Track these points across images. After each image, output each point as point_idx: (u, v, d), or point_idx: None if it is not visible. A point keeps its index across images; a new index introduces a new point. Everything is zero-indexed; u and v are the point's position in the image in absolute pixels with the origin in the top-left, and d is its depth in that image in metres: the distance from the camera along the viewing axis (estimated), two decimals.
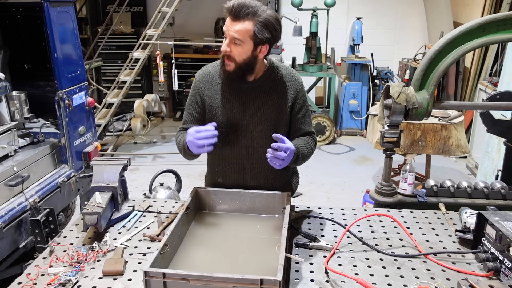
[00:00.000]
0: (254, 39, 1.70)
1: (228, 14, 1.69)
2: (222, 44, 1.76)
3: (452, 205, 2.09)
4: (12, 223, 2.60)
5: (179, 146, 1.92)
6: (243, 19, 1.67)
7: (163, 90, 7.78)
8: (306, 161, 1.90)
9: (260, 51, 1.75)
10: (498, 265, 1.44)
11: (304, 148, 1.86)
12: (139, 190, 4.52)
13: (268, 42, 1.74)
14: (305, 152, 1.86)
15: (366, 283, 1.39)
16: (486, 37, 2.03)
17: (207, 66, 1.96)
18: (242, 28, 1.68)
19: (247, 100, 1.86)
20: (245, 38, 1.69)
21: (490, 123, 2.58)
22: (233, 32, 1.68)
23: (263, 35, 1.69)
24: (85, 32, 7.78)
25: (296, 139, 1.93)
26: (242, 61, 1.74)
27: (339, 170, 5.49)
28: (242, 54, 1.72)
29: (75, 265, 1.51)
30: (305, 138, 1.94)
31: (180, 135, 1.95)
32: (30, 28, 3.51)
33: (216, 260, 1.58)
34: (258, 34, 1.69)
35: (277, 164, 1.71)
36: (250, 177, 1.96)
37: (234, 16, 1.68)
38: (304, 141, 1.90)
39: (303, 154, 1.84)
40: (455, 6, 6.33)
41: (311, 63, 6.39)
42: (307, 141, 1.92)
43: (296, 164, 1.88)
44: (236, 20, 1.68)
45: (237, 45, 1.71)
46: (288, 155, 1.69)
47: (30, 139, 3.12)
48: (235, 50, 1.72)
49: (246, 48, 1.72)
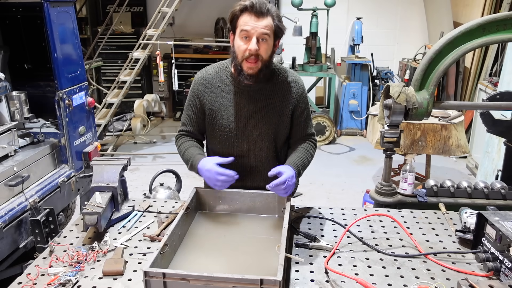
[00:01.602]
0: (275, 33, 1.74)
1: (250, 13, 1.69)
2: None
3: (452, 205, 2.09)
4: (12, 223, 2.60)
5: (181, 155, 1.94)
6: (266, 15, 1.70)
7: (163, 90, 7.78)
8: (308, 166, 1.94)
9: (275, 45, 1.78)
10: (498, 265, 1.44)
11: (304, 160, 1.89)
12: (139, 190, 4.52)
13: (282, 35, 1.78)
14: (305, 163, 1.89)
15: (366, 283, 1.39)
16: (486, 37, 2.03)
17: (206, 69, 1.95)
18: (268, 23, 1.70)
19: (247, 104, 1.85)
20: (271, 33, 1.73)
21: (490, 123, 2.58)
22: (261, 29, 1.69)
23: (282, 28, 1.75)
24: (85, 32, 7.78)
25: (294, 150, 1.93)
26: (267, 58, 1.76)
27: (339, 170, 5.49)
28: (268, 50, 1.75)
29: (75, 265, 1.51)
30: (304, 146, 1.94)
31: (181, 142, 1.96)
32: (30, 28, 3.50)
33: (216, 260, 1.58)
34: (279, 28, 1.73)
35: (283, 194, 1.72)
36: (251, 177, 1.95)
37: (259, 13, 1.69)
38: (303, 151, 1.91)
39: (303, 166, 1.88)
40: (455, 6, 6.33)
41: (311, 63, 6.39)
42: (306, 149, 1.93)
43: (300, 176, 1.90)
44: (261, 16, 1.69)
45: (264, 41, 1.72)
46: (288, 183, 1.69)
47: (30, 139, 3.12)
48: (262, 47, 1.73)
49: (270, 44, 1.75)
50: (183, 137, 1.99)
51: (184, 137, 1.98)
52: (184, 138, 1.98)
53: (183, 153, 1.92)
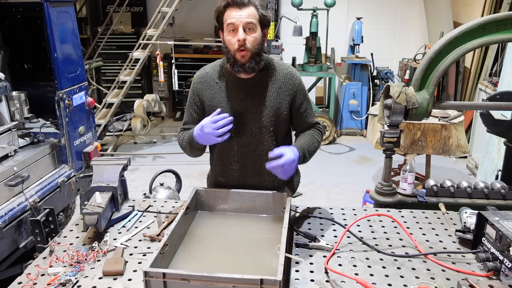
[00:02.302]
0: (261, 21, 1.77)
1: (232, 6, 1.73)
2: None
3: (452, 205, 2.09)
4: (12, 223, 2.60)
5: (183, 143, 1.94)
6: (247, 5, 1.74)
7: (163, 90, 7.78)
8: (315, 152, 1.94)
9: (265, 35, 1.81)
10: (498, 265, 1.44)
11: (310, 144, 1.89)
12: (139, 190, 4.52)
13: (269, 23, 1.81)
14: (311, 147, 1.89)
15: (366, 283, 1.39)
16: (486, 37, 2.03)
17: (204, 68, 1.99)
18: (251, 12, 1.74)
19: (245, 98, 1.87)
20: (256, 22, 1.76)
21: (490, 123, 2.58)
22: (245, 18, 1.72)
23: (267, 15, 1.79)
24: (85, 32, 7.78)
25: (300, 136, 1.96)
26: (256, 47, 1.78)
27: (339, 170, 5.49)
28: (256, 40, 1.77)
29: (75, 265, 1.51)
30: (310, 132, 1.97)
31: (182, 134, 1.97)
32: (30, 28, 3.50)
33: (216, 260, 1.58)
34: (264, 15, 1.77)
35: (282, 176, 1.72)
36: (252, 174, 1.96)
37: (240, 4, 1.73)
38: (309, 137, 1.93)
39: (309, 150, 1.87)
40: (455, 6, 6.33)
41: (311, 63, 6.39)
42: (312, 135, 1.95)
43: (306, 161, 1.90)
44: (243, 7, 1.73)
45: (251, 31, 1.75)
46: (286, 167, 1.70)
47: (30, 139, 3.12)
48: (249, 37, 1.75)
49: (257, 33, 1.78)
50: (184, 131, 2.00)
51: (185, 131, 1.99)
52: (185, 132, 1.98)
53: (185, 139, 1.92)
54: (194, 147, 1.88)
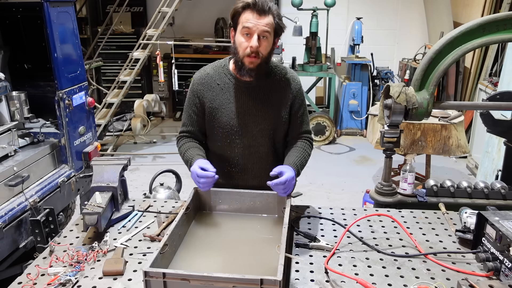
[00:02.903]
0: (275, 31, 1.77)
1: (252, 10, 1.71)
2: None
3: (452, 205, 2.09)
4: (12, 223, 2.60)
5: (182, 156, 1.95)
6: (267, 13, 1.72)
7: (163, 90, 7.78)
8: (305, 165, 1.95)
9: (274, 43, 1.81)
10: (498, 265, 1.44)
11: (302, 159, 1.90)
12: (139, 190, 4.52)
13: (282, 33, 1.80)
14: (303, 162, 1.91)
15: (366, 283, 1.39)
16: (486, 37, 2.03)
17: (204, 68, 1.97)
18: (269, 21, 1.73)
19: (247, 100, 1.87)
20: (271, 31, 1.75)
21: (490, 123, 2.58)
22: (263, 26, 1.71)
23: (282, 26, 1.78)
24: (85, 32, 7.77)
25: (291, 150, 1.93)
26: (266, 54, 1.78)
27: (339, 170, 5.49)
28: (268, 47, 1.77)
29: (75, 265, 1.51)
30: (301, 145, 1.95)
31: (182, 143, 1.97)
32: (30, 28, 3.50)
33: (216, 260, 1.58)
34: (280, 25, 1.76)
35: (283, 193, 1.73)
36: (251, 176, 1.96)
37: (260, 11, 1.71)
38: (300, 151, 1.92)
39: (302, 165, 1.89)
40: (455, 6, 6.33)
41: (311, 63, 6.39)
42: (303, 148, 1.94)
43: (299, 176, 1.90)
44: (263, 14, 1.71)
45: (265, 39, 1.74)
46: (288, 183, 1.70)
47: (30, 139, 3.12)
48: (263, 44, 1.75)
49: (270, 41, 1.77)
50: (184, 138, 1.99)
51: (185, 138, 1.99)
52: (185, 140, 1.98)
53: (184, 154, 1.93)
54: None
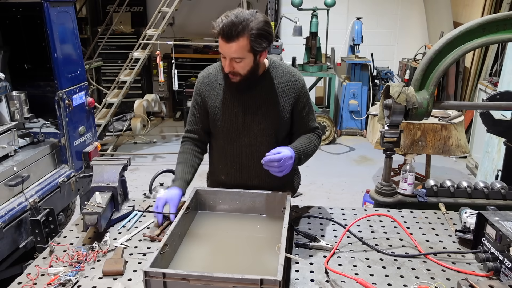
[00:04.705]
0: (252, 51, 1.70)
1: (221, 37, 1.67)
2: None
3: (452, 205, 2.09)
4: (12, 223, 2.60)
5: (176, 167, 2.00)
6: (236, 38, 1.64)
7: (163, 90, 7.77)
8: (311, 157, 1.93)
9: (260, 57, 1.77)
10: (498, 265, 1.44)
11: (307, 147, 1.88)
12: (139, 190, 4.52)
13: (266, 48, 1.75)
14: (307, 150, 1.88)
15: (366, 283, 1.39)
16: (486, 37, 2.03)
17: (208, 68, 1.99)
18: (238, 47, 1.66)
19: (248, 99, 1.87)
20: (244, 54, 1.70)
21: (490, 123, 2.58)
22: (231, 53, 1.68)
23: (260, 45, 1.69)
24: (85, 32, 7.77)
25: (298, 139, 1.94)
26: (246, 72, 1.76)
27: (339, 170, 5.49)
28: (245, 67, 1.74)
29: (75, 265, 1.51)
30: (308, 136, 1.95)
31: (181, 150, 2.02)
32: (30, 28, 3.50)
33: (216, 260, 1.58)
34: (255, 46, 1.68)
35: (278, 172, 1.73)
36: (252, 175, 1.96)
37: (227, 38, 1.64)
38: (306, 140, 1.92)
39: (305, 153, 1.86)
40: (455, 6, 6.33)
41: (311, 63, 6.39)
42: (310, 138, 1.94)
43: (301, 163, 1.90)
44: (230, 41, 1.65)
45: (239, 61, 1.72)
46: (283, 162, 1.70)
47: (30, 139, 3.11)
48: (238, 66, 1.73)
49: (247, 61, 1.73)
50: (185, 143, 2.03)
51: (187, 144, 2.02)
52: (185, 146, 2.02)
53: (176, 165, 1.98)
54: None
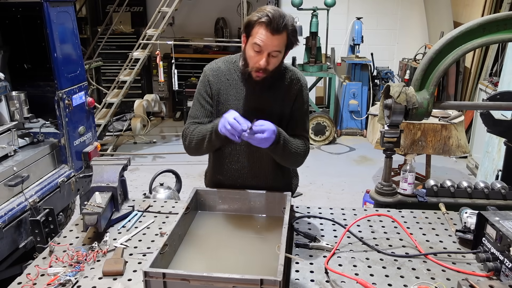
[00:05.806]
0: (288, 47, 1.73)
1: (266, 28, 1.65)
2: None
3: (452, 205, 2.09)
4: (12, 223, 2.60)
5: (195, 137, 1.83)
6: (281, 31, 1.65)
7: (163, 90, 7.78)
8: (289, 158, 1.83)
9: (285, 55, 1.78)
10: (499, 265, 1.44)
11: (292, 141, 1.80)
12: (139, 190, 4.52)
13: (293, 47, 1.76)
14: (291, 144, 1.80)
15: (366, 283, 1.39)
16: (486, 37, 2.03)
17: (216, 61, 1.96)
18: (282, 40, 1.68)
19: (252, 97, 1.87)
20: (282, 48, 1.72)
21: (490, 123, 2.58)
22: (273, 46, 1.68)
23: (295, 42, 1.73)
24: (85, 32, 7.77)
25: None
26: (275, 68, 1.76)
27: (339, 170, 5.49)
28: (276, 63, 1.75)
29: (75, 265, 1.51)
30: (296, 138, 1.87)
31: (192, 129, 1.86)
32: (30, 28, 3.50)
33: (216, 260, 1.58)
34: (292, 41, 1.72)
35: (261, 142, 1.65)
36: (250, 176, 1.95)
37: (275, 30, 1.64)
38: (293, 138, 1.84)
39: (287, 141, 1.78)
40: (455, 6, 6.33)
41: (311, 63, 6.39)
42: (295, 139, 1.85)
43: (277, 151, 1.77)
44: (276, 33, 1.65)
45: (274, 57, 1.71)
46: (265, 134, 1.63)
47: (30, 139, 3.11)
48: (272, 62, 1.72)
49: (280, 57, 1.75)
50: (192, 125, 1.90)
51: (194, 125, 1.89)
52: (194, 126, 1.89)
53: (198, 132, 1.82)
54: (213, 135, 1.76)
